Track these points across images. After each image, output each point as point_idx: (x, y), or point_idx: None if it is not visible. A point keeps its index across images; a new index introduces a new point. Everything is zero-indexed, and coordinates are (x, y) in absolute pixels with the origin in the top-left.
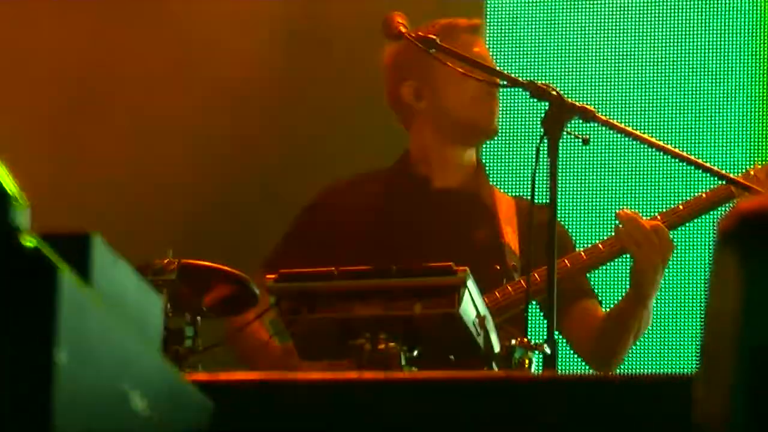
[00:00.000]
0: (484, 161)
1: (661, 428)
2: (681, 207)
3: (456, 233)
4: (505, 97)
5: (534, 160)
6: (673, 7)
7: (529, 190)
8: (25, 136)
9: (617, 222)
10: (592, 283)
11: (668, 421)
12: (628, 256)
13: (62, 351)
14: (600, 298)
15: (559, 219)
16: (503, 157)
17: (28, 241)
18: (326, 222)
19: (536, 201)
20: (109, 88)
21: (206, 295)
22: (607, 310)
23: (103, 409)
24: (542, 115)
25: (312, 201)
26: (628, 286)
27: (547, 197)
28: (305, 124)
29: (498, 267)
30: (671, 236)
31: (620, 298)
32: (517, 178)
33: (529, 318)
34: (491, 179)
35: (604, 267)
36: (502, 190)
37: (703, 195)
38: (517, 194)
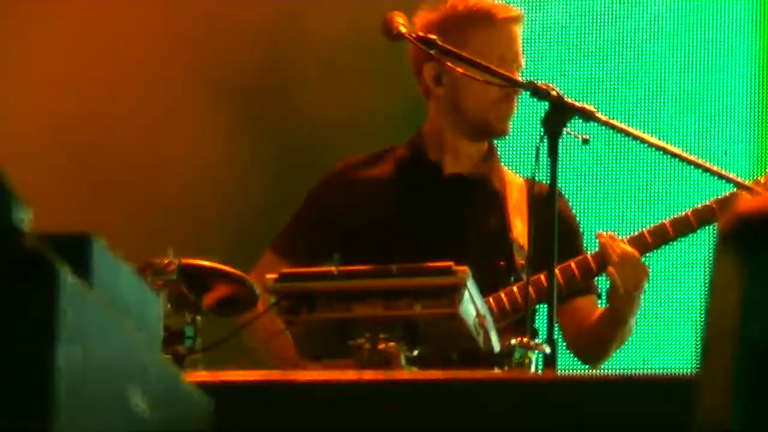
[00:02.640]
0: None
1: (660, 428)
2: (667, 224)
3: (464, 224)
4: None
5: (534, 160)
6: (674, 6)
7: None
8: (32, 137)
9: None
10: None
11: (668, 421)
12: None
13: (62, 351)
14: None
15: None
16: (503, 157)
17: (29, 241)
18: (336, 202)
19: (538, 201)
20: (108, 87)
21: (206, 295)
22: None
23: (103, 409)
24: (542, 115)
25: (323, 180)
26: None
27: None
28: (305, 121)
29: (502, 263)
30: (645, 260)
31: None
32: (521, 175)
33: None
34: None
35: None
36: (513, 171)
37: (689, 214)
38: (528, 176)
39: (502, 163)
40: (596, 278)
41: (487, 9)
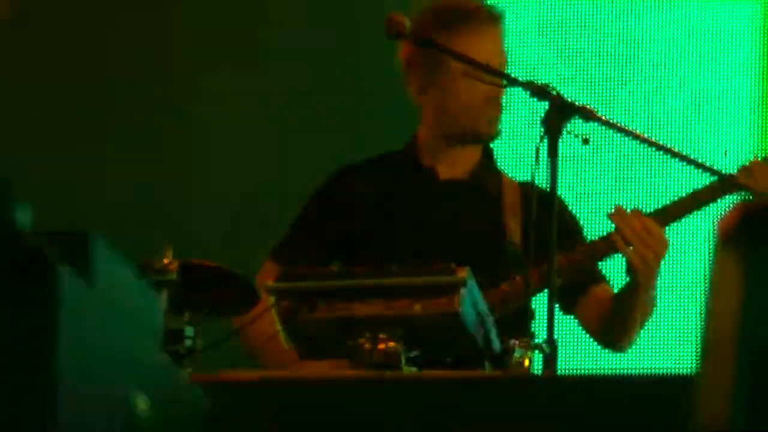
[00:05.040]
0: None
1: (661, 428)
2: (676, 203)
3: (459, 228)
4: (505, 97)
5: (534, 160)
6: (673, 7)
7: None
8: (29, 133)
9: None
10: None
11: (668, 421)
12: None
13: (62, 351)
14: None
15: (572, 210)
16: (502, 157)
17: (29, 241)
18: (333, 209)
19: (537, 201)
20: (115, 84)
21: (206, 295)
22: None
23: (103, 409)
24: (542, 115)
25: (320, 187)
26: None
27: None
28: (304, 120)
29: (498, 266)
30: (666, 233)
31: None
32: (517, 179)
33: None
34: None
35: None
36: (509, 176)
37: (698, 191)
38: (524, 179)
39: (501, 165)
40: (604, 261)
41: (466, 10)
